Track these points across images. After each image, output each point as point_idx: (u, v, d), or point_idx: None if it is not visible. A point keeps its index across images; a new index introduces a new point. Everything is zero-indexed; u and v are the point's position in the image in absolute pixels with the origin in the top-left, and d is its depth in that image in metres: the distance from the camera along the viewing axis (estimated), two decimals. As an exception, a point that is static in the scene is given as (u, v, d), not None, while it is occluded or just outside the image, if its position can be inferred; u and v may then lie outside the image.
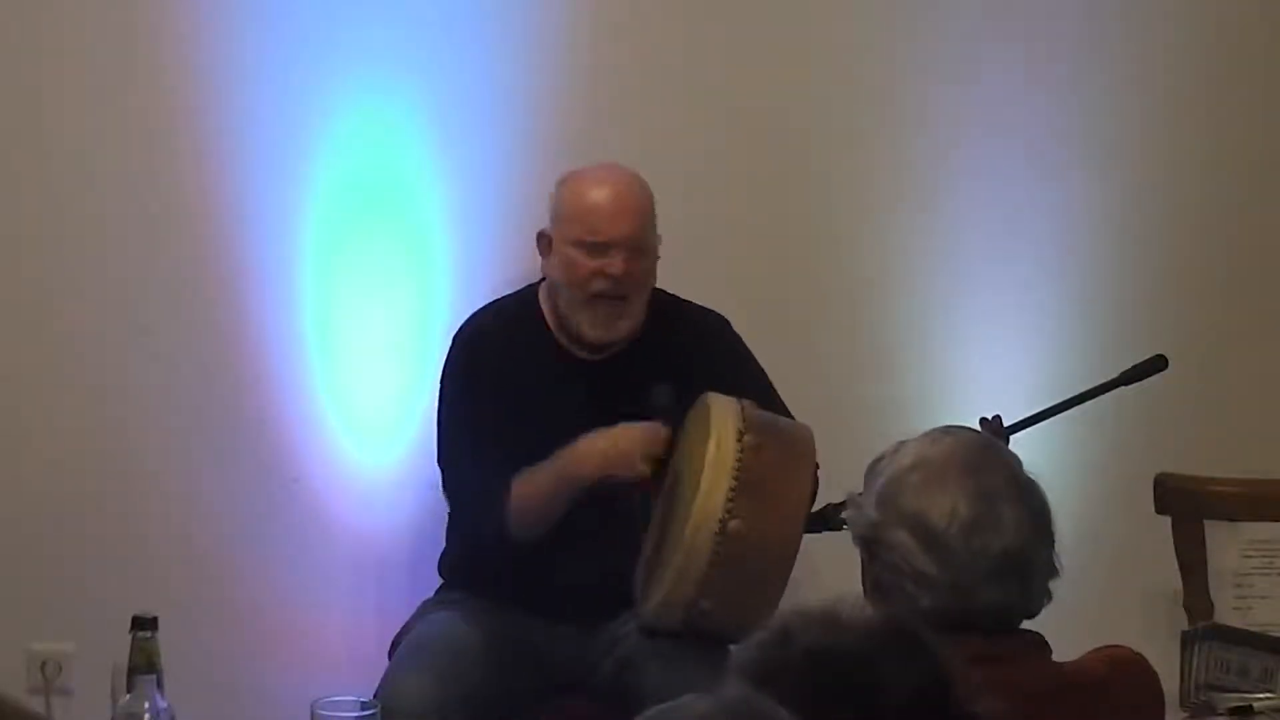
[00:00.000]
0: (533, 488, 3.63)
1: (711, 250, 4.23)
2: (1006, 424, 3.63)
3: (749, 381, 3.75)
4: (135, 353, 4.17)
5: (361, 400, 4.20)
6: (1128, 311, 4.35)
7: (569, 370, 3.76)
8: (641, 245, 3.71)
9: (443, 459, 3.78)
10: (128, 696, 3.00)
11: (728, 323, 3.85)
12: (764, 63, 4.27)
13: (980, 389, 4.19)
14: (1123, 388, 3.79)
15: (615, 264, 3.67)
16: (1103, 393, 3.78)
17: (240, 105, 4.14)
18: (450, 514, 3.85)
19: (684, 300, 3.86)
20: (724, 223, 4.27)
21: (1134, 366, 3.79)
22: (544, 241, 3.78)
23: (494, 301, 3.89)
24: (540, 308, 3.80)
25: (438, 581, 3.90)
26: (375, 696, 3.46)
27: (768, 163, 4.29)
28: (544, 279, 3.82)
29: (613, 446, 3.60)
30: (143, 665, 3.04)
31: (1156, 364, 3.78)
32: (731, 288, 4.10)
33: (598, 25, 4.23)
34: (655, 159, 4.00)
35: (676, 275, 3.86)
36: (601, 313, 3.70)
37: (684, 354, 3.77)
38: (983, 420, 3.59)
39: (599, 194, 3.71)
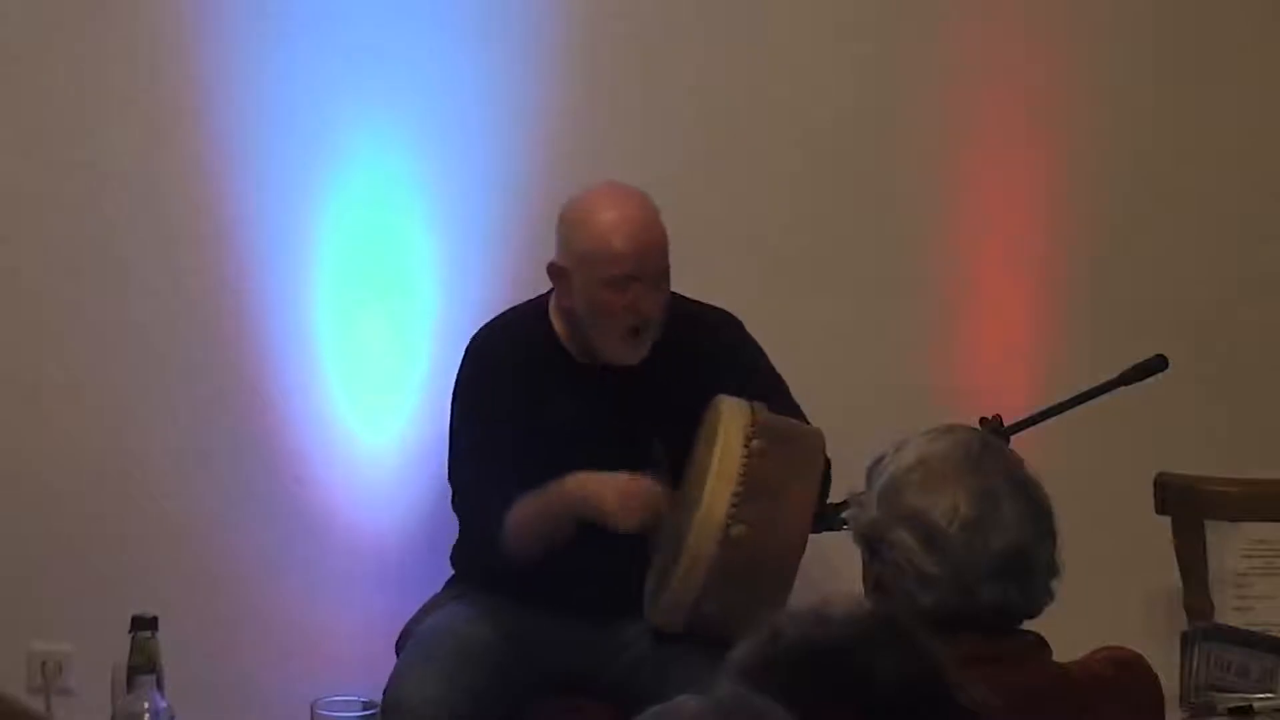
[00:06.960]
0: (528, 517, 3.58)
1: (713, 251, 4.22)
2: (1006, 424, 3.63)
3: (762, 383, 3.73)
4: (136, 353, 4.17)
5: (361, 400, 4.20)
6: (1128, 311, 4.35)
7: (584, 380, 3.72)
8: (666, 271, 3.68)
9: (451, 474, 3.76)
10: (128, 696, 3.00)
11: (740, 324, 3.82)
12: (762, 64, 4.28)
13: (980, 389, 4.19)
14: (1123, 388, 3.79)
15: (647, 299, 3.62)
16: (1103, 393, 3.78)
17: (255, 112, 4.15)
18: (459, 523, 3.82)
19: (694, 301, 3.81)
20: (725, 224, 4.27)
21: (1134, 366, 3.78)
22: (557, 274, 3.70)
23: (502, 314, 3.84)
24: (550, 319, 3.75)
25: (438, 581, 3.89)
26: (384, 693, 3.48)
27: (766, 165, 4.29)
28: (552, 289, 3.76)
29: (612, 497, 3.52)
30: (143, 665, 3.04)
31: (1156, 364, 3.77)
32: (733, 288, 4.10)
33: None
34: (653, 165, 4.00)
35: (685, 276, 3.85)
36: (633, 342, 3.67)
37: (697, 357, 3.74)
38: (983, 420, 3.58)
39: (622, 235, 3.62)
